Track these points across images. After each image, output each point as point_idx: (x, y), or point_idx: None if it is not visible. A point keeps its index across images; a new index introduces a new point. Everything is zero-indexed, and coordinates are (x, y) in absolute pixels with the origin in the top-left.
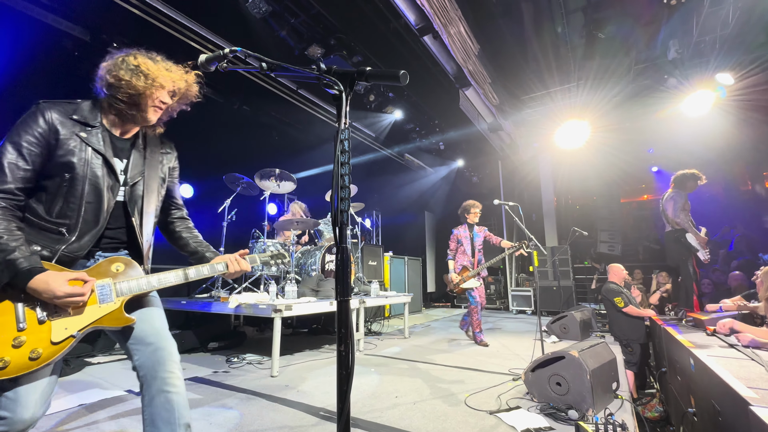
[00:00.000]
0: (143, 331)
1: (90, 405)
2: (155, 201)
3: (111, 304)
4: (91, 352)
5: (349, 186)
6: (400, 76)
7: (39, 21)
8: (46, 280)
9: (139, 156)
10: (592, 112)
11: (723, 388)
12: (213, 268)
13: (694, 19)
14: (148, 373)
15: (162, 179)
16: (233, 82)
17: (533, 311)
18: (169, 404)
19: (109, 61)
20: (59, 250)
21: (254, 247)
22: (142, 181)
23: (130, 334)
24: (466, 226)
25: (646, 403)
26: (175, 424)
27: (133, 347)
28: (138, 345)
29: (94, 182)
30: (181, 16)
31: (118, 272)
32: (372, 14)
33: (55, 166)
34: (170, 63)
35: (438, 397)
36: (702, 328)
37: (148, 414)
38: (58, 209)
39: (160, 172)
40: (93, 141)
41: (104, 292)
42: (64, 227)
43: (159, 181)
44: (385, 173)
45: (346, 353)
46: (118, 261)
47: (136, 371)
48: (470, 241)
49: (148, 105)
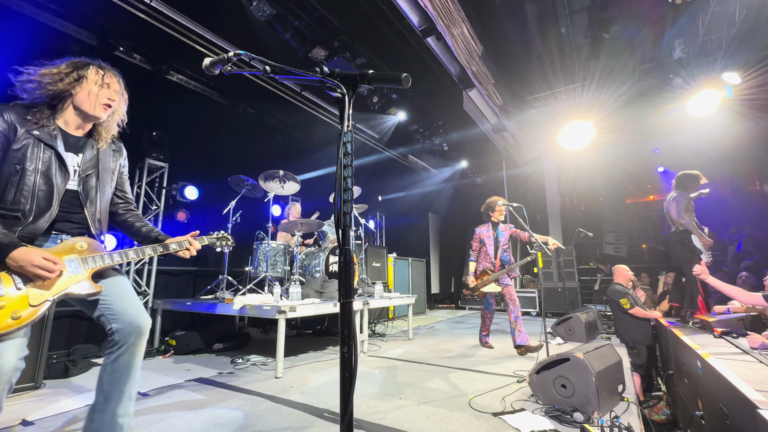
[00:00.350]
0: (121, 306)
1: None
2: (107, 191)
3: (79, 275)
4: (98, 353)
5: (351, 188)
6: (402, 79)
7: (47, 25)
8: (26, 252)
9: (92, 151)
10: (597, 113)
11: (731, 391)
12: (166, 247)
13: (700, 18)
14: (122, 339)
15: (113, 172)
16: (238, 85)
17: (538, 313)
18: (130, 368)
19: (53, 68)
20: (17, 231)
21: (258, 248)
22: (94, 173)
23: (102, 307)
24: (490, 224)
25: (653, 406)
26: (134, 378)
27: (111, 318)
28: (116, 317)
29: (46, 173)
30: (186, 19)
31: (82, 249)
32: (375, 16)
33: (12, 160)
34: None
35: (442, 398)
36: (709, 329)
37: (110, 369)
38: (12, 197)
39: (112, 165)
40: (45, 137)
41: (73, 265)
42: (19, 212)
43: (110, 174)
44: (388, 174)
45: (349, 355)
46: (81, 241)
47: (112, 335)
48: (494, 240)
49: (95, 104)
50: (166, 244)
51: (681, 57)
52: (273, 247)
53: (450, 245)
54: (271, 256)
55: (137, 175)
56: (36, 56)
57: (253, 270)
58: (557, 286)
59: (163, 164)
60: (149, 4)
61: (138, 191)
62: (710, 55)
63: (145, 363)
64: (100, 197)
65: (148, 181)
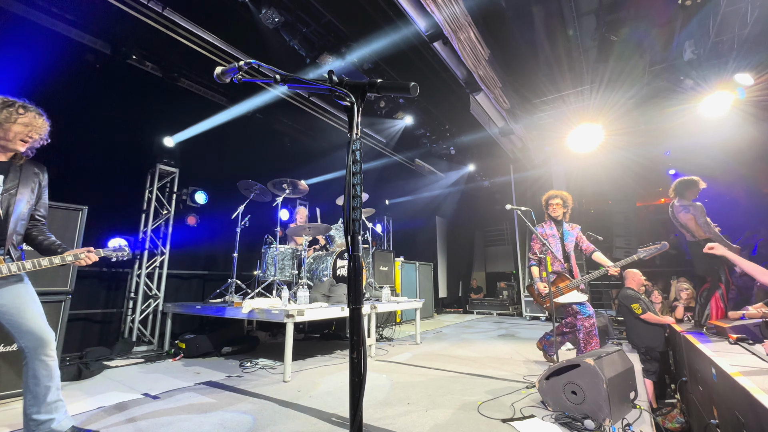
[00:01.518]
0: (23, 321)
1: (108, 407)
2: (25, 205)
3: None
4: (110, 356)
5: (361, 195)
6: (411, 87)
7: (63, 36)
8: None
9: (15, 174)
10: (606, 115)
11: (747, 399)
12: (63, 259)
13: (710, 19)
14: (30, 353)
15: (32, 190)
16: (246, 91)
17: (547, 317)
18: (47, 368)
19: None
20: None
21: (267, 252)
22: (16, 190)
23: (6, 317)
24: (552, 222)
25: (667, 414)
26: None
27: (15, 332)
28: (21, 333)
29: None
30: (197, 27)
31: None
32: (382, 21)
33: None
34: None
35: (450, 404)
36: (724, 336)
37: (30, 369)
38: None
39: (32, 184)
40: None
41: None
42: None
43: (29, 192)
44: (395, 178)
45: (359, 360)
46: None
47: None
48: (560, 240)
49: (17, 138)
50: (63, 257)
51: (692, 58)
52: (281, 251)
53: (457, 249)
54: (279, 260)
55: (148, 180)
56: (52, 64)
57: (262, 274)
58: None
59: (174, 170)
60: (161, 13)
61: (149, 196)
62: (722, 56)
63: (155, 366)
64: (16, 209)
65: (159, 186)
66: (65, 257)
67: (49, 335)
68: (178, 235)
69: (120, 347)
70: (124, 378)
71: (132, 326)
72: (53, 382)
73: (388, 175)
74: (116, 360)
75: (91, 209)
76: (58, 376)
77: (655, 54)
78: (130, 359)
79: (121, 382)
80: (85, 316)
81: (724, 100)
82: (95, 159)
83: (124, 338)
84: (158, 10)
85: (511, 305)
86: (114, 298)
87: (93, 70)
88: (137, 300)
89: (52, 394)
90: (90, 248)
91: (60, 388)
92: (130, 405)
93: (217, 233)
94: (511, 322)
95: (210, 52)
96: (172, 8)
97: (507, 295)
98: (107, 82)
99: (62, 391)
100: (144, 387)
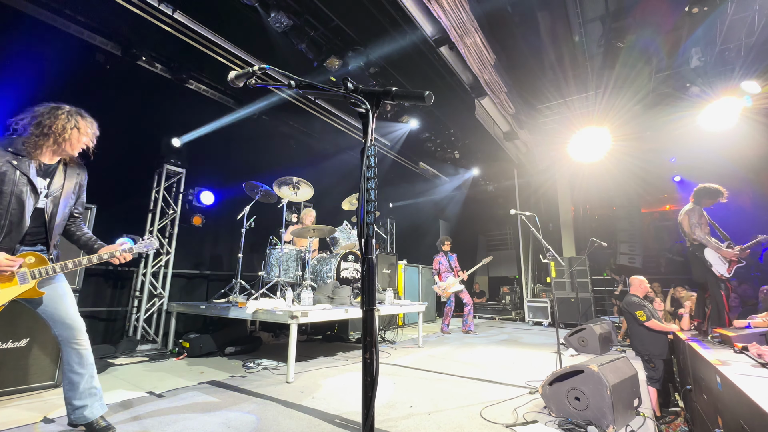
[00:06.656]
0: (57, 312)
1: (114, 405)
2: (67, 208)
3: (27, 285)
4: (114, 354)
5: (375, 200)
6: (426, 96)
7: (75, 37)
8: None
9: (60, 177)
10: (611, 121)
11: (752, 408)
12: (100, 257)
13: (717, 27)
14: (63, 341)
15: (74, 191)
16: (253, 93)
17: (550, 323)
18: (79, 355)
19: (43, 108)
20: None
21: (271, 253)
22: (60, 192)
23: (45, 310)
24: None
25: (670, 422)
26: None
27: (51, 323)
28: (55, 323)
29: (19, 196)
30: (206, 30)
31: (31, 263)
32: (389, 26)
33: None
34: (86, 121)
35: (453, 408)
36: (729, 344)
37: (65, 356)
38: None
39: (75, 185)
40: (22, 167)
41: (22, 276)
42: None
43: (71, 194)
44: (400, 181)
45: (371, 361)
46: (30, 255)
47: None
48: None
49: (73, 145)
50: (100, 255)
51: (698, 65)
52: (285, 252)
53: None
54: (284, 262)
55: (155, 181)
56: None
57: (266, 275)
58: (570, 296)
59: (181, 170)
60: (172, 16)
61: (156, 196)
62: (728, 63)
63: (159, 364)
64: (58, 213)
65: (166, 186)
66: (102, 255)
67: (80, 324)
68: (184, 235)
69: (125, 345)
70: (129, 376)
71: (137, 325)
72: (85, 370)
73: (392, 178)
74: (121, 358)
75: (99, 208)
76: (92, 365)
77: (661, 61)
78: (135, 357)
79: (126, 380)
80: (91, 313)
81: (730, 107)
82: (104, 158)
83: (128, 336)
84: (169, 12)
85: (513, 310)
86: (119, 297)
87: (104, 71)
88: (142, 299)
89: (85, 382)
90: (125, 243)
91: (94, 376)
92: (135, 403)
93: (222, 234)
94: (513, 327)
95: (219, 55)
96: (183, 11)
97: (510, 299)
98: (117, 83)
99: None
100: (148, 385)
